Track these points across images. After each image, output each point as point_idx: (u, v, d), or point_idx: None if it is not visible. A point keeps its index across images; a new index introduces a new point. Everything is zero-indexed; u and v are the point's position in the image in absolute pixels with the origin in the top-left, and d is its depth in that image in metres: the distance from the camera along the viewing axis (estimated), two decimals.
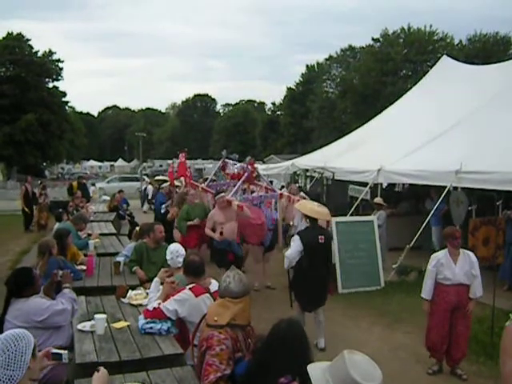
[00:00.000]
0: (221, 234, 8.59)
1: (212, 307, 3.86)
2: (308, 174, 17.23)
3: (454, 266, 5.80)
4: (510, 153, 8.87)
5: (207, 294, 4.55)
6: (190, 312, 4.46)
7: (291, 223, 10.55)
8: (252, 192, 10.28)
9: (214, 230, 8.87)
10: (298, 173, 17.54)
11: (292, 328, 3.13)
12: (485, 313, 7.24)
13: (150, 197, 22.66)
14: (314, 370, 2.50)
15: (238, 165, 10.74)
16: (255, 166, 10.34)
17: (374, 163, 11.26)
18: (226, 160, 11.33)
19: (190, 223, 9.65)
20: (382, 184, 11.35)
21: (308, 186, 17.55)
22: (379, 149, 12.59)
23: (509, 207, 9.84)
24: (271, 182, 15.74)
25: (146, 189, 24.96)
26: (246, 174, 9.85)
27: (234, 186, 9.75)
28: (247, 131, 77.16)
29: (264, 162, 36.96)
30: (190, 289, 4.57)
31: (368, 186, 11.43)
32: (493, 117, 10.56)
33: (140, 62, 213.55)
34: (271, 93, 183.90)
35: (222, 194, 9.02)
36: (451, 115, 11.85)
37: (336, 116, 46.93)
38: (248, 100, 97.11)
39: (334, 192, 13.56)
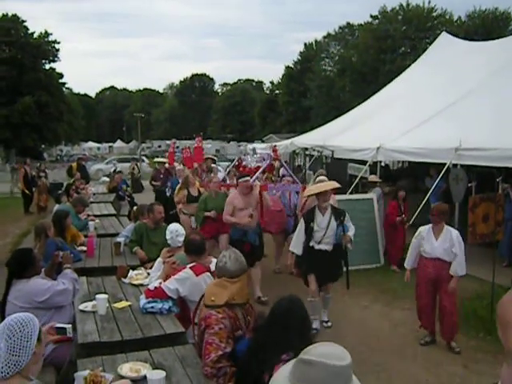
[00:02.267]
0: (251, 216, 7.63)
1: (209, 287, 3.87)
2: (307, 152, 17.21)
3: (435, 241, 5.95)
4: (509, 129, 8.83)
5: (208, 273, 4.56)
6: (191, 291, 4.48)
7: None
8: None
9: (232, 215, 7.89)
10: (297, 151, 17.49)
11: (293, 305, 3.15)
12: (484, 289, 7.30)
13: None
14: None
15: (257, 156, 9.86)
16: (278, 153, 9.72)
17: (373, 141, 11.20)
18: (243, 157, 10.73)
19: (206, 214, 8.64)
20: (381, 162, 11.32)
21: (307, 165, 17.54)
22: (378, 127, 12.52)
23: (509, 184, 9.82)
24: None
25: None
26: (267, 161, 9.28)
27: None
28: (246, 110, 76.75)
29: (263, 141, 36.80)
30: (190, 268, 4.59)
31: (367, 164, 11.40)
32: (493, 93, 10.49)
33: (137, 42, 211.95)
34: (269, 72, 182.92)
35: (247, 178, 7.93)
36: (451, 92, 11.78)
37: (335, 94, 46.50)
38: (246, 79, 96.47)
39: (333, 170, 13.51)
